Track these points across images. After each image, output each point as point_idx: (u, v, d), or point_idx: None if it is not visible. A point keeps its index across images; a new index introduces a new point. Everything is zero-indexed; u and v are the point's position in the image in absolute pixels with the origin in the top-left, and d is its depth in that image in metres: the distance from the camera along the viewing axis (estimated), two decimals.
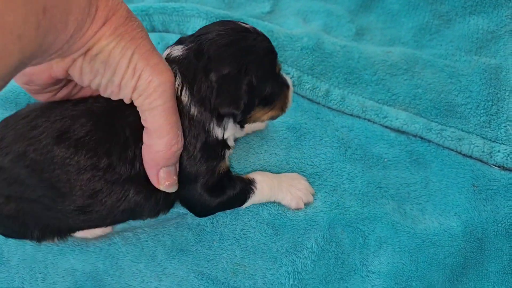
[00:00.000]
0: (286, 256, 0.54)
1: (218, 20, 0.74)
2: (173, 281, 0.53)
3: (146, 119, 0.42)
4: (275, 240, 0.55)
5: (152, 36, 0.76)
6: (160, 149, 0.43)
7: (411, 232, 0.55)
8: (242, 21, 0.75)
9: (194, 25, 0.75)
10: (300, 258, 0.54)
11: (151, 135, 0.42)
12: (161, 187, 0.45)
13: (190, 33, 0.75)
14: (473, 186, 0.60)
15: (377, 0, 0.85)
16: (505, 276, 0.53)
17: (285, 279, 0.53)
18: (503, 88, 0.69)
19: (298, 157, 0.63)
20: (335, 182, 0.60)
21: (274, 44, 0.71)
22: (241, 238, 0.56)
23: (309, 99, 0.69)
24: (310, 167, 0.62)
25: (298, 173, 0.61)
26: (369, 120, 0.67)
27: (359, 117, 0.67)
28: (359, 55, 0.72)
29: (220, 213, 0.57)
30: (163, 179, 0.45)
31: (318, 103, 0.69)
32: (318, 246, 0.55)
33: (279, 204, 0.58)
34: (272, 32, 0.73)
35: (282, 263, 0.54)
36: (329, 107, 0.68)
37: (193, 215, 0.54)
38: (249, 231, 0.56)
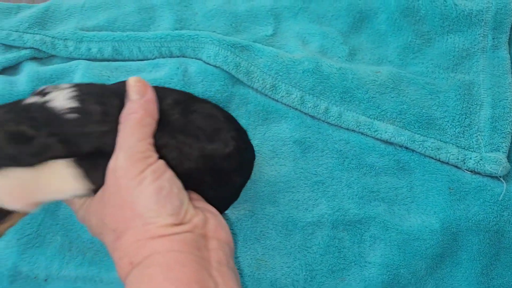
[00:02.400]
0: (299, 252, 0.66)
1: (229, 46, 0.85)
2: None
3: None
4: (289, 239, 0.68)
5: (171, 61, 0.87)
6: None
7: (399, 229, 0.68)
8: (250, 46, 0.86)
9: (208, 51, 0.86)
10: (310, 253, 0.67)
11: None
12: None
13: (204, 58, 0.86)
14: (449, 188, 0.72)
15: (366, 22, 0.96)
16: (474, 262, 0.66)
17: (299, 270, 0.65)
18: (475, 103, 0.82)
19: (304, 167, 0.75)
20: (335, 189, 0.73)
21: (279, 67, 0.83)
22: (261, 238, 0.68)
23: (311, 116, 0.80)
24: (314, 176, 0.74)
25: (304, 181, 0.74)
26: (362, 134, 0.78)
27: (354, 131, 0.79)
28: (353, 76, 0.83)
29: (242, 218, 0.69)
30: None
31: (319, 119, 0.80)
32: (324, 242, 0.67)
33: (291, 209, 0.70)
34: (277, 56, 0.85)
35: (296, 257, 0.66)
36: (328, 123, 0.80)
37: None
38: (267, 232, 0.68)
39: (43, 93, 0.45)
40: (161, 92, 0.49)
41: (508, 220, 0.68)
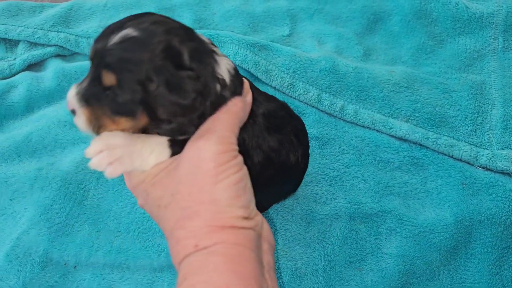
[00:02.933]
0: (318, 243, 0.69)
1: (248, 45, 0.88)
2: None
3: None
4: (308, 231, 0.70)
5: None
6: None
7: (414, 222, 0.71)
8: (268, 46, 0.89)
9: (228, 50, 0.89)
10: (329, 244, 0.69)
11: None
12: None
13: None
14: (462, 184, 0.75)
15: (380, 23, 0.99)
16: (486, 254, 0.69)
17: (318, 260, 0.68)
18: (487, 102, 0.84)
19: (322, 163, 0.78)
20: (352, 183, 0.75)
21: (297, 66, 0.86)
22: (281, 229, 0.71)
23: (328, 113, 0.83)
24: (332, 171, 0.77)
25: (322, 176, 0.76)
26: (377, 131, 0.81)
27: (369, 128, 0.81)
28: (368, 75, 0.86)
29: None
30: None
31: (335, 117, 0.83)
32: (342, 234, 0.70)
33: (310, 202, 0.73)
34: (295, 56, 0.87)
35: (315, 248, 0.69)
36: (344, 120, 0.83)
37: None
38: (287, 224, 0.71)
39: (212, 44, 0.46)
40: (261, 97, 0.51)
41: None
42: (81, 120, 0.42)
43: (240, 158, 0.42)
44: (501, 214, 0.71)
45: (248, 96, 0.46)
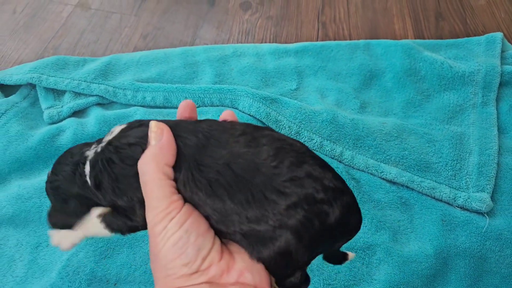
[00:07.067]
0: (318, 270, 0.82)
1: (261, 99, 1.04)
2: None
3: None
4: None
5: (212, 109, 1.05)
6: None
7: (400, 254, 0.83)
8: (278, 99, 1.05)
9: (243, 103, 1.04)
10: (326, 271, 0.82)
11: None
12: None
13: (240, 107, 1.05)
14: (442, 221, 0.88)
15: (375, 79, 1.15)
16: (461, 282, 0.81)
17: (318, 284, 0.80)
18: (465, 151, 0.98)
19: None
20: None
21: (303, 117, 1.01)
22: None
23: (329, 157, 0.98)
24: None
25: None
26: (371, 174, 0.95)
27: (363, 171, 0.95)
28: (363, 126, 1.01)
29: None
30: None
31: (336, 160, 0.97)
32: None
33: None
34: (300, 108, 1.02)
35: (315, 274, 0.81)
36: (343, 164, 0.97)
37: None
38: None
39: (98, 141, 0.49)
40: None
41: (490, 248, 0.84)
42: None
43: (181, 214, 0.39)
44: (474, 248, 0.83)
45: (163, 137, 0.40)
